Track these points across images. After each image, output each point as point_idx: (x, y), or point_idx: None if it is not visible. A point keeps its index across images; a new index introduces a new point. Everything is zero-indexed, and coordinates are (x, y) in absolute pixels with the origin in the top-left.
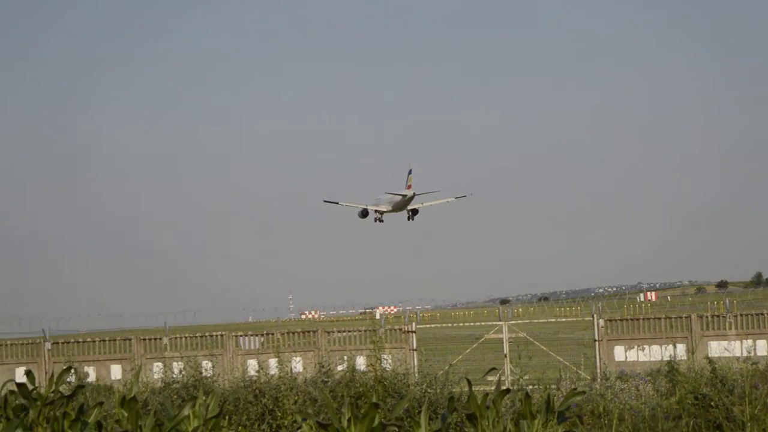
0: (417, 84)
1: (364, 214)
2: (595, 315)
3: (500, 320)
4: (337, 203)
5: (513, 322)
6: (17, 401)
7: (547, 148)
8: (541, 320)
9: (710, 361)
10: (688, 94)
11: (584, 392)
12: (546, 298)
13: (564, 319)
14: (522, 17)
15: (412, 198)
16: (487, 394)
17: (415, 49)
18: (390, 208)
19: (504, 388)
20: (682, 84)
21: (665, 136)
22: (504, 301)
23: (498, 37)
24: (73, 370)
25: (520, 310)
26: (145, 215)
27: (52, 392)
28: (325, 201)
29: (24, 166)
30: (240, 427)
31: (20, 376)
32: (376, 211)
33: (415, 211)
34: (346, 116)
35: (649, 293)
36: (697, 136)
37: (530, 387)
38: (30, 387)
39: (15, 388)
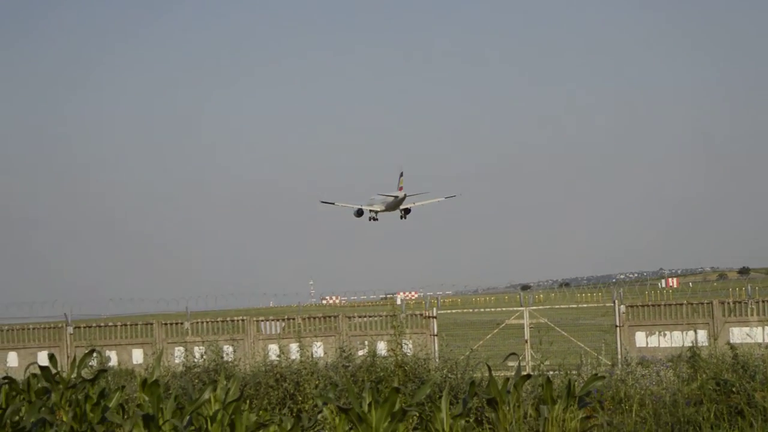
0: (411, 84)
1: (359, 213)
2: (616, 301)
3: (521, 306)
4: (333, 204)
5: (534, 307)
6: (40, 384)
7: (565, 132)
8: (562, 306)
9: (732, 347)
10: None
11: (605, 377)
12: (567, 284)
13: (585, 305)
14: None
15: (403, 199)
16: (507, 379)
17: (407, 47)
18: (383, 207)
19: (525, 373)
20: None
21: (685, 120)
22: (525, 287)
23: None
24: (95, 354)
25: (542, 296)
26: (167, 201)
27: (74, 376)
28: (322, 202)
29: (41, 154)
30: (261, 411)
31: (42, 360)
32: (370, 210)
33: (407, 211)
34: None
35: (670, 279)
36: (720, 119)
37: (551, 372)
38: (52, 370)
39: (38, 372)
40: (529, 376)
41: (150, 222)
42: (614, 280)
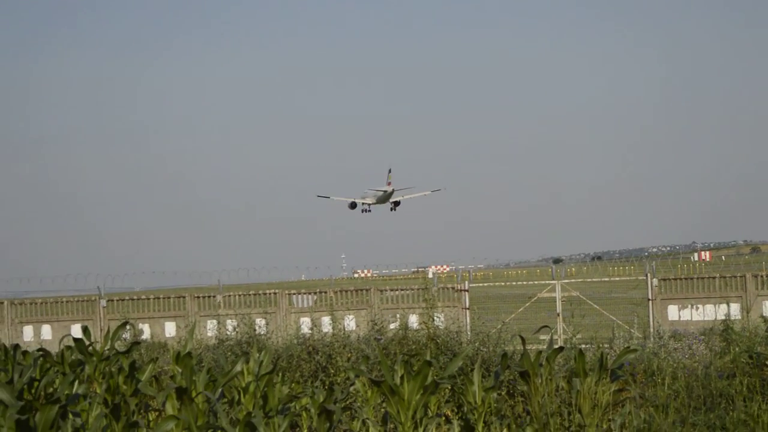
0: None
1: (353, 206)
2: (648, 274)
3: (553, 279)
4: (328, 197)
5: (566, 281)
6: (74, 357)
7: (601, 102)
8: (594, 279)
9: (765, 319)
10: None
11: (637, 350)
12: (599, 258)
13: (617, 279)
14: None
15: (391, 193)
16: (540, 352)
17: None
18: (375, 200)
19: (557, 346)
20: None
21: (718, 94)
22: (557, 261)
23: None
24: (128, 327)
25: (573, 269)
26: (201, 172)
27: (108, 348)
28: (318, 196)
29: (76, 124)
30: (293, 384)
31: (76, 332)
32: (363, 203)
33: (397, 203)
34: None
35: (703, 253)
36: (751, 91)
37: (583, 346)
38: (86, 343)
39: (72, 344)
40: (561, 348)
41: (182, 195)
42: (646, 254)
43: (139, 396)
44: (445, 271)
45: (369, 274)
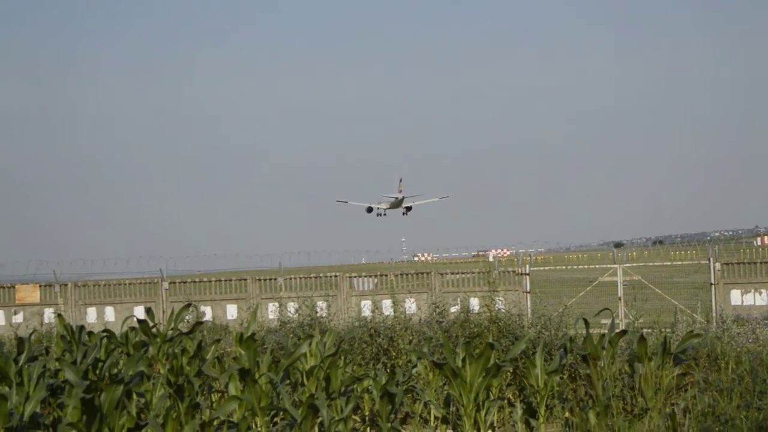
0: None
1: (369, 210)
2: (711, 258)
3: (614, 263)
4: (346, 202)
5: (627, 265)
6: (138, 338)
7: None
8: (656, 263)
9: None
10: None
11: (700, 335)
12: (661, 242)
13: (679, 263)
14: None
15: (402, 200)
16: (602, 336)
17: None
18: (388, 206)
19: (618, 330)
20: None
21: None
22: (618, 245)
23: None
24: (191, 308)
25: (635, 253)
26: (263, 149)
27: (171, 329)
28: (337, 201)
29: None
30: (355, 366)
31: (139, 314)
32: (378, 208)
33: (409, 208)
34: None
35: (766, 237)
36: None
37: (645, 330)
38: (150, 324)
39: (135, 325)
40: (624, 332)
41: (246, 176)
42: (708, 238)
43: (202, 377)
44: (505, 254)
45: (429, 258)
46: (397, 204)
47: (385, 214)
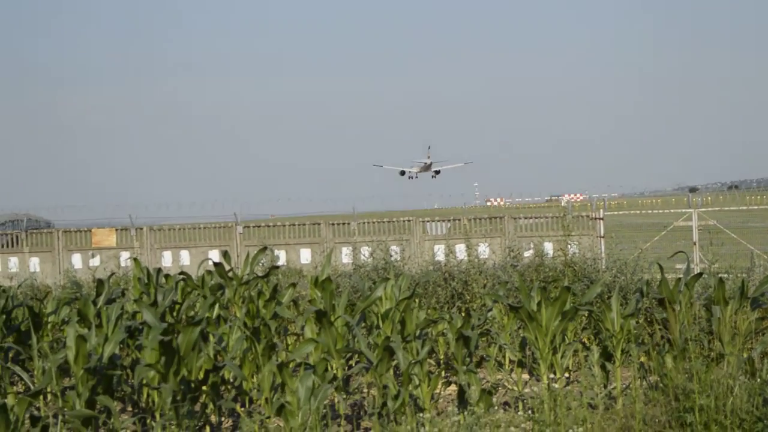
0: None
1: (402, 173)
2: None
3: (689, 208)
4: (381, 166)
5: (702, 209)
6: (214, 281)
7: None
8: (731, 208)
9: None
10: None
11: None
12: (736, 187)
13: (755, 207)
14: None
15: (430, 165)
16: (678, 279)
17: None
18: (419, 170)
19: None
20: None
21: None
22: (693, 189)
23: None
24: (266, 252)
25: (710, 198)
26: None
27: (248, 273)
28: (374, 165)
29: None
30: (430, 309)
31: (214, 258)
32: (410, 171)
33: (437, 172)
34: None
35: None
36: None
37: (721, 275)
38: (226, 267)
39: (211, 269)
40: (700, 275)
41: (316, 125)
42: None
43: (278, 320)
44: (579, 199)
45: (502, 203)
46: (426, 168)
47: (417, 177)
